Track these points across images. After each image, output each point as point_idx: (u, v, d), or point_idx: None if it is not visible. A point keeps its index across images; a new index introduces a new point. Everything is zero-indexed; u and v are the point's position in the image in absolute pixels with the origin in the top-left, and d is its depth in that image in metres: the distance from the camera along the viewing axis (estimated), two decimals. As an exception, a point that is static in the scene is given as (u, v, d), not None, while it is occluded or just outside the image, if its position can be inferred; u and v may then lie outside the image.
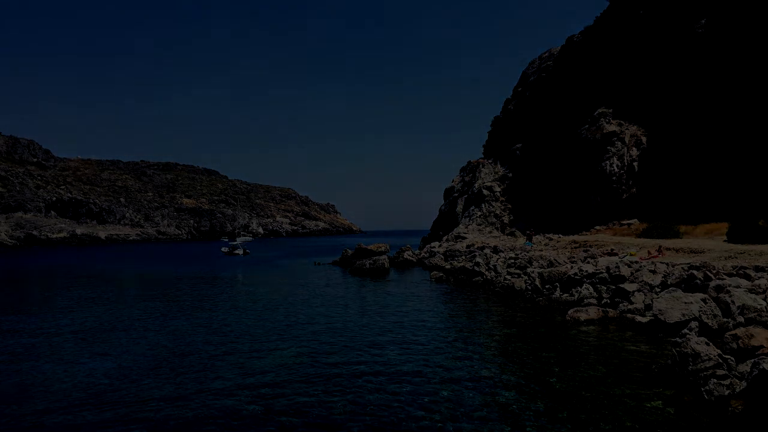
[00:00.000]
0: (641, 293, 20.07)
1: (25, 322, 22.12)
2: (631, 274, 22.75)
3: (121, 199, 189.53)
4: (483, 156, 77.62)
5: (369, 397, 11.64)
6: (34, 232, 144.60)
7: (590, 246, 34.59)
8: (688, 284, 19.11)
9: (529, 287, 26.02)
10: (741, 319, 15.62)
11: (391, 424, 10.12)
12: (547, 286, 25.58)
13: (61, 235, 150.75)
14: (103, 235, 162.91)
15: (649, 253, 28.18)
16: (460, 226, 59.67)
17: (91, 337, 18.82)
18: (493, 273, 31.95)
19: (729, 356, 11.12)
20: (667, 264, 23.35)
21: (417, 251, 55.13)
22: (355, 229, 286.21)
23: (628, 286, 20.59)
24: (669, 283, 19.99)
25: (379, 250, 46.80)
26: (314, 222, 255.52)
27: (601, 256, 29.59)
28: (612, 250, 31.57)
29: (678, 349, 11.44)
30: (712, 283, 18.00)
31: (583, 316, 19.55)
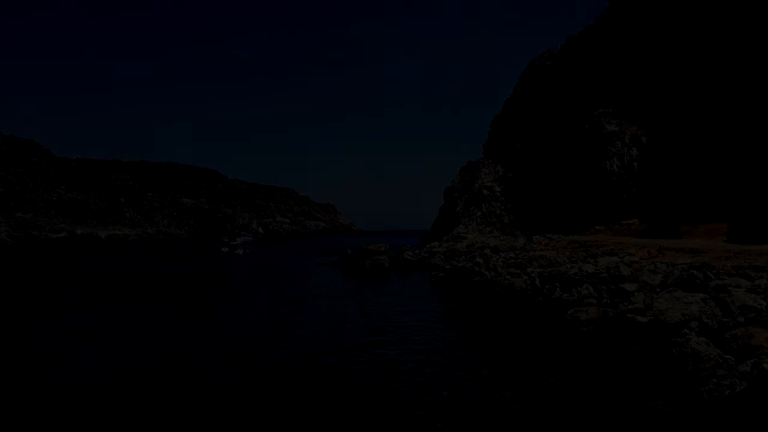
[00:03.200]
0: (641, 293, 20.07)
1: (25, 322, 22.13)
2: (631, 274, 22.74)
3: (121, 199, 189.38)
4: (483, 156, 77.61)
5: (369, 397, 11.63)
6: (34, 232, 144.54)
7: (590, 246, 34.55)
8: (688, 284, 19.11)
9: (529, 287, 26.02)
10: (741, 319, 15.60)
11: (391, 424, 10.11)
12: (547, 286, 25.58)
13: (61, 235, 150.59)
14: (102, 235, 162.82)
15: (649, 253, 28.15)
16: (460, 226, 59.66)
17: (91, 337, 18.81)
18: (493, 273, 31.95)
19: (729, 356, 11.13)
20: (667, 264, 23.32)
21: (417, 251, 55.09)
22: (355, 228, 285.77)
23: (628, 286, 20.60)
24: (669, 283, 20.00)
25: (379, 250, 46.79)
26: (314, 222, 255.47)
27: (601, 256, 29.57)
28: (612, 250, 31.52)
29: (678, 349, 11.45)
30: (712, 283, 18.00)
31: (583, 316, 19.55)
